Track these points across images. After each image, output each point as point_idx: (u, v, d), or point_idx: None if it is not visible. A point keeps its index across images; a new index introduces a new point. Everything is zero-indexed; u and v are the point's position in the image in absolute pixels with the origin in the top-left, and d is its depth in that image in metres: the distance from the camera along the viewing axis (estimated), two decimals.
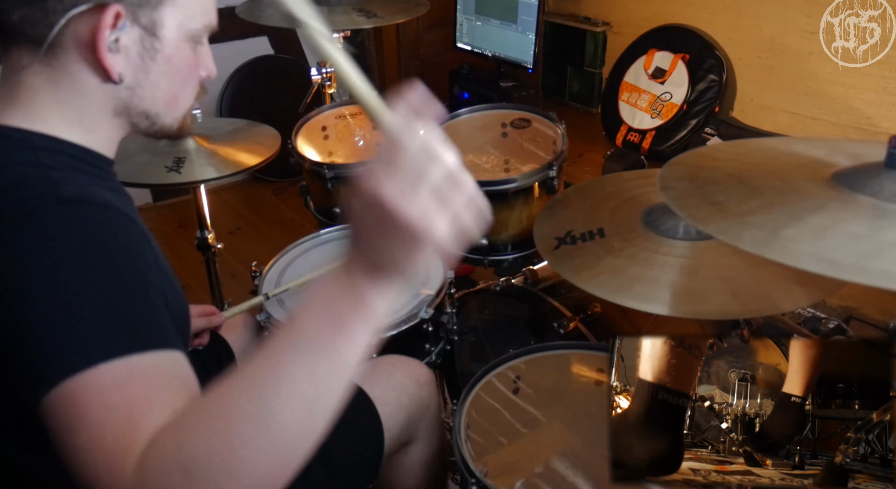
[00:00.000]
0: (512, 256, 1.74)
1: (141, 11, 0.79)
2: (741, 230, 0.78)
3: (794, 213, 0.79)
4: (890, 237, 0.74)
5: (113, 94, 0.83)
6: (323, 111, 2.08)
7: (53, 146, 0.80)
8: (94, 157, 0.85)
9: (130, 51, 0.81)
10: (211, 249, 2.03)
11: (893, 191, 0.80)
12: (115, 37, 0.78)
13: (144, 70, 0.82)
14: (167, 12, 0.81)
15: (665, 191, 0.91)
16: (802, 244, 0.73)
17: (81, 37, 0.78)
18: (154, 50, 0.82)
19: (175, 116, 0.90)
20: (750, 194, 0.86)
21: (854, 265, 0.70)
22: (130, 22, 0.79)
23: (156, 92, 0.85)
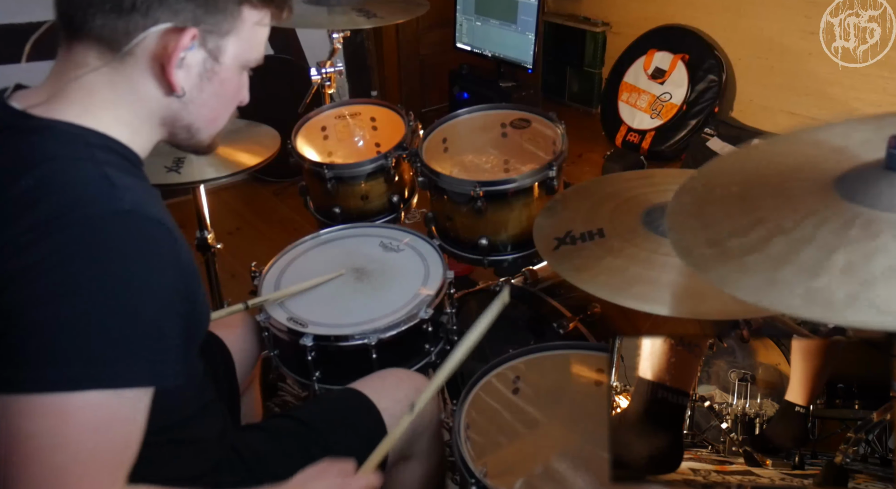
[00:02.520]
0: (512, 256, 1.74)
1: (210, 37, 0.87)
2: (740, 277, 0.79)
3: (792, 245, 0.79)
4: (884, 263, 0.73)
5: (167, 105, 0.89)
6: (323, 111, 2.08)
7: (104, 143, 0.85)
8: (133, 156, 0.90)
9: (192, 69, 0.88)
10: (211, 250, 2.03)
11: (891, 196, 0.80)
12: (183, 55, 0.85)
13: (200, 89, 0.89)
14: (231, 41, 0.89)
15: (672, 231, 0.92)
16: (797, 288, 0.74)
17: (155, 50, 0.84)
18: (213, 72, 0.89)
19: (211, 134, 0.97)
20: (751, 222, 0.86)
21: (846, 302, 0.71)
22: (199, 44, 0.86)
23: (203, 109, 0.92)
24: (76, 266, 0.73)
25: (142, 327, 0.76)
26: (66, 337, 0.72)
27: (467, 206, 1.67)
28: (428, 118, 1.98)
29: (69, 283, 0.72)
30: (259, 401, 1.65)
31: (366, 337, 1.36)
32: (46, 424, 0.71)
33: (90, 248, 0.74)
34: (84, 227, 0.74)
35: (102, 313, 0.73)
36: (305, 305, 1.46)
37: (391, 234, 1.68)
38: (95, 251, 0.74)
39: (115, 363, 0.74)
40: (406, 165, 1.94)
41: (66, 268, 0.72)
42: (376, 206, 1.93)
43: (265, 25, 0.93)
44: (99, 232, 0.75)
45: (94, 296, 0.73)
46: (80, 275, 0.73)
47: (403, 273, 1.54)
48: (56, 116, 0.83)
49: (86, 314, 0.73)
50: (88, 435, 0.72)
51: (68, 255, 0.73)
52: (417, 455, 1.32)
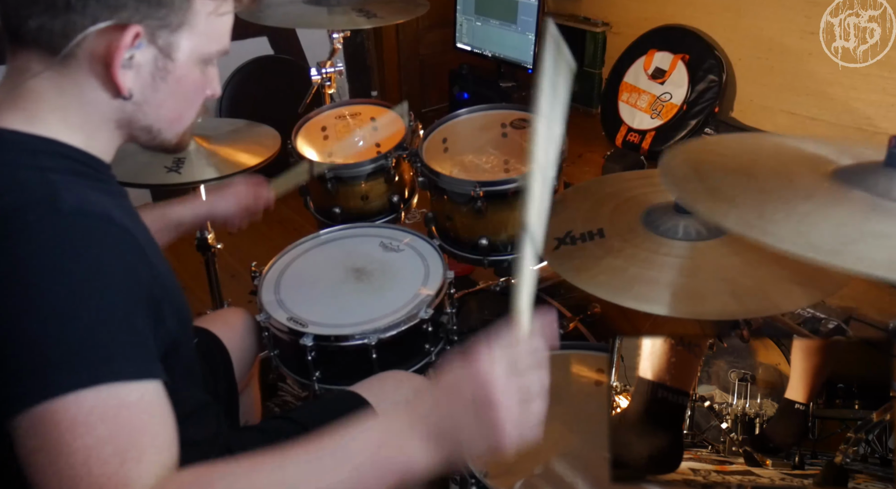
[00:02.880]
0: (512, 256, 1.74)
1: (159, 33, 0.81)
2: (729, 210, 0.80)
3: (784, 200, 0.81)
4: (875, 228, 0.75)
5: (118, 108, 0.84)
6: (323, 111, 2.08)
7: (53, 149, 0.81)
8: (93, 161, 0.85)
9: (143, 69, 0.82)
10: (211, 250, 2.03)
11: (889, 187, 0.80)
12: (131, 54, 0.80)
13: (154, 88, 0.84)
14: (184, 36, 0.83)
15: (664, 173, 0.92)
16: (785, 227, 0.75)
17: (97, 51, 0.80)
18: (166, 70, 0.84)
19: (176, 132, 0.91)
20: (746, 181, 0.87)
21: (831, 249, 0.72)
22: (147, 41, 0.81)
23: (161, 110, 0.87)
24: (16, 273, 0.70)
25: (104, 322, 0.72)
26: (24, 347, 0.69)
27: (467, 206, 1.67)
28: (428, 118, 1.98)
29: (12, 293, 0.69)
30: (258, 401, 1.65)
31: (366, 337, 1.36)
32: (43, 436, 0.68)
33: (29, 253, 0.70)
34: (21, 232, 0.71)
35: (54, 316, 0.70)
36: (305, 305, 1.46)
37: (391, 234, 1.68)
38: (35, 255, 0.70)
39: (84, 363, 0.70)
40: (406, 165, 1.94)
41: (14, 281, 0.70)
42: (376, 206, 1.93)
43: (223, 14, 0.86)
44: (38, 235, 0.71)
45: (41, 300, 0.70)
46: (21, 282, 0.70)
47: (403, 273, 1.54)
48: (2, 125, 0.80)
49: (36, 322, 0.69)
50: (88, 432, 0.69)
51: (12, 268, 0.70)
52: None
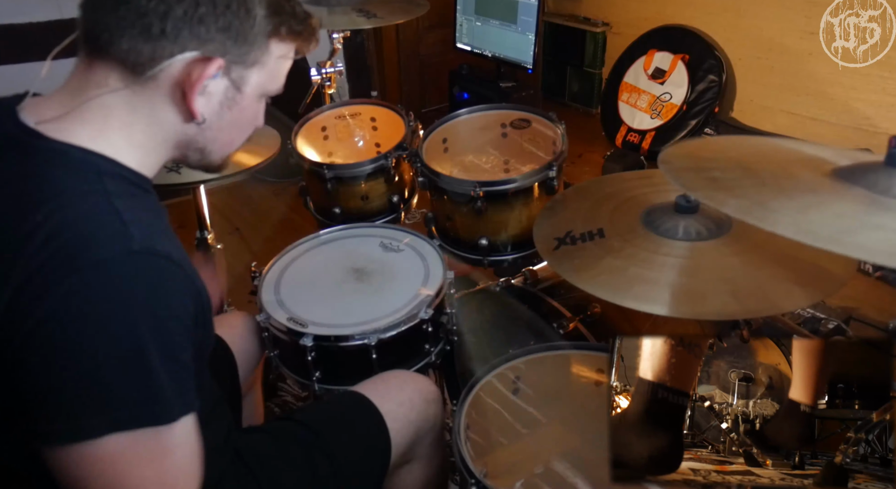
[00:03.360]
0: (512, 257, 1.74)
1: (235, 67, 0.87)
2: (728, 197, 0.80)
3: (784, 191, 0.81)
4: (874, 220, 0.75)
5: (183, 130, 0.89)
6: (323, 111, 2.08)
7: (115, 171, 0.84)
8: (143, 181, 0.88)
9: (213, 97, 0.87)
10: (210, 250, 2.03)
11: (888, 185, 0.81)
12: (206, 83, 0.85)
13: (219, 116, 0.89)
14: (255, 72, 0.89)
15: (664, 163, 0.93)
16: (784, 215, 0.76)
17: (178, 77, 0.84)
18: (234, 101, 0.89)
19: (223, 156, 0.98)
20: (746, 175, 0.88)
21: (830, 237, 0.73)
22: (223, 74, 0.86)
23: (219, 135, 0.92)
24: (88, 312, 0.73)
25: (163, 363, 0.77)
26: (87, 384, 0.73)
27: (467, 206, 1.67)
28: (428, 118, 1.98)
29: (82, 331, 0.73)
30: (261, 403, 1.65)
31: (366, 337, 1.36)
32: (98, 468, 0.74)
33: (104, 293, 0.74)
34: (95, 271, 0.74)
35: (120, 358, 0.74)
36: (305, 305, 1.46)
37: (391, 234, 1.68)
38: (110, 295, 0.74)
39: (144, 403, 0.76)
40: (406, 165, 1.94)
41: (78, 315, 0.73)
42: (376, 206, 1.93)
43: (289, 58, 0.93)
44: (111, 274, 0.74)
45: (109, 341, 0.74)
46: (92, 321, 0.73)
47: (403, 273, 1.54)
48: (68, 139, 0.81)
49: (105, 361, 0.73)
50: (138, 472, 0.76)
51: (80, 302, 0.73)
52: (420, 458, 1.32)
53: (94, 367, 0.73)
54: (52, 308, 0.72)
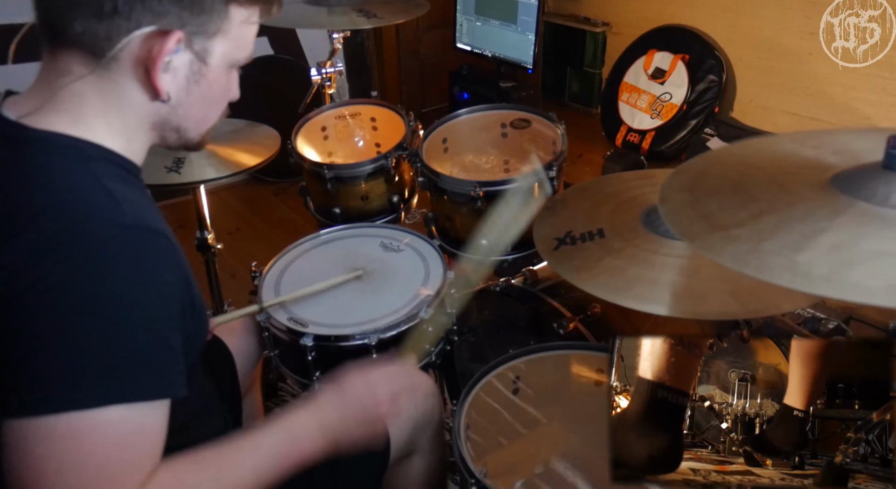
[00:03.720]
0: (512, 256, 1.74)
1: (196, 39, 0.84)
2: (725, 245, 0.80)
3: (781, 222, 0.80)
4: (871, 246, 0.74)
5: (155, 110, 0.87)
6: (323, 111, 2.08)
7: (101, 154, 0.83)
8: (131, 166, 0.88)
9: (179, 73, 0.85)
10: (211, 250, 2.03)
11: (887, 193, 0.80)
12: (169, 59, 0.83)
13: (187, 91, 0.87)
14: (218, 42, 0.86)
15: (663, 204, 0.92)
16: (780, 258, 0.75)
17: (139, 55, 0.82)
18: (200, 74, 0.87)
19: (200, 132, 0.95)
20: (743, 203, 0.87)
21: (825, 277, 0.72)
22: (185, 46, 0.84)
23: (191, 111, 0.90)
24: (81, 284, 0.72)
25: (150, 341, 0.76)
26: (73, 356, 0.72)
27: (467, 206, 1.67)
28: (428, 118, 1.98)
29: (75, 302, 0.72)
30: (260, 403, 1.65)
31: (366, 337, 1.36)
32: (60, 446, 0.71)
33: (95, 266, 0.73)
34: (88, 245, 0.74)
35: (109, 330, 0.73)
36: (305, 305, 1.46)
37: (391, 234, 1.68)
38: (100, 269, 0.73)
39: (125, 379, 0.74)
40: (406, 165, 1.93)
41: (72, 286, 0.72)
42: (376, 206, 1.93)
43: (253, 23, 0.90)
44: (103, 249, 0.74)
45: (100, 314, 0.73)
46: (85, 294, 0.72)
47: (403, 273, 1.54)
48: (49, 127, 0.81)
49: (92, 333, 0.72)
50: (105, 452, 0.73)
51: (73, 274, 0.72)
52: (420, 450, 1.32)
53: (74, 338, 0.72)
54: (37, 276, 0.71)
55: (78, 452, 0.71)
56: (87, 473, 0.71)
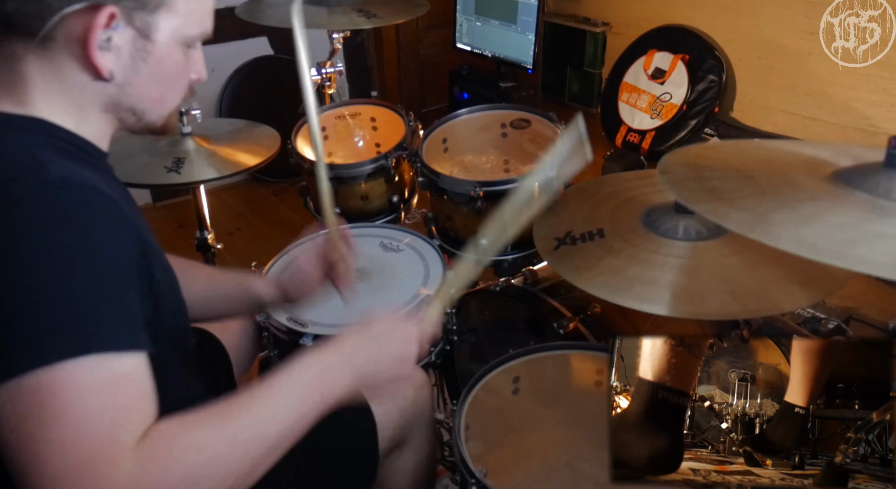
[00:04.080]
0: (512, 256, 1.74)
1: (136, 14, 0.81)
2: (729, 211, 0.79)
3: (785, 202, 0.80)
4: (875, 229, 0.75)
5: (102, 91, 0.84)
6: (323, 111, 2.08)
7: (39, 128, 0.81)
8: (85, 144, 0.85)
9: (122, 50, 0.82)
10: (211, 250, 2.04)
11: (889, 188, 0.80)
12: (108, 36, 0.80)
13: (134, 69, 0.84)
14: (162, 17, 0.83)
15: (662, 173, 0.92)
16: (786, 228, 0.75)
17: (74, 33, 0.79)
18: (145, 51, 0.84)
19: (160, 114, 0.91)
20: (746, 183, 0.87)
21: (832, 251, 0.72)
22: (125, 23, 0.81)
23: (143, 91, 0.87)
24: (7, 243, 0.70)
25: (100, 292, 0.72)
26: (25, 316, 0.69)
27: (467, 206, 1.67)
28: (428, 118, 1.98)
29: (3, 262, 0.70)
30: None
31: None
32: (35, 401, 0.68)
33: (20, 222, 0.71)
34: (9, 202, 0.71)
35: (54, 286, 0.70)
36: (305, 306, 1.46)
37: (391, 234, 1.68)
38: (27, 224, 0.71)
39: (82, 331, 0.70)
40: (406, 165, 1.94)
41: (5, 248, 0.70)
42: (376, 206, 1.93)
43: None
44: (28, 204, 0.71)
45: (33, 269, 0.70)
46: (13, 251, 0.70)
47: (403, 273, 1.54)
48: None
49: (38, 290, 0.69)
50: (82, 403, 0.69)
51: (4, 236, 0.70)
52: (411, 442, 1.32)
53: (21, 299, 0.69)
54: None
55: (51, 406, 0.68)
56: (66, 426, 0.68)
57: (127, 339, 0.74)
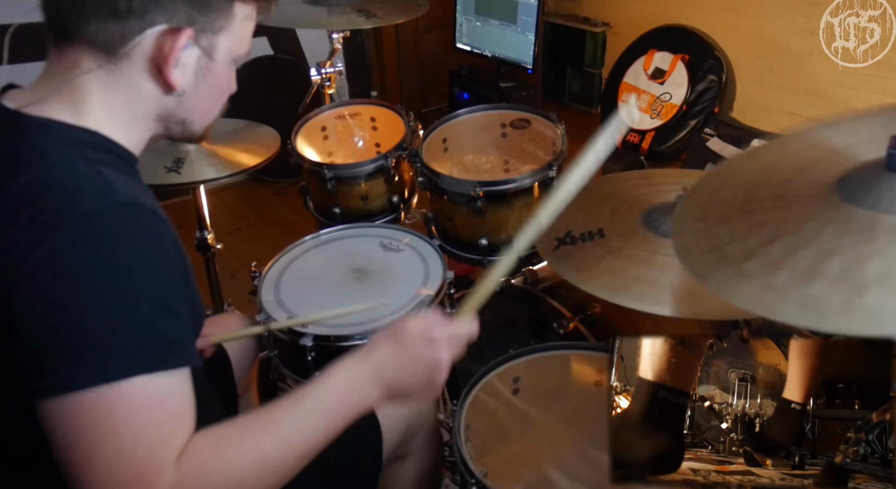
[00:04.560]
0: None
1: (204, 35, 0.87)
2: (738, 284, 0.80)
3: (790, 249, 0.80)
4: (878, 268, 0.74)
5: (162, 103, 0.90)
6: (322, 111, 2.08)
7: (96, 141, 0.85)
8: (128, 156, 0.90)
9: (188, 68, 0.88)
10: (210, 250, 2.04)
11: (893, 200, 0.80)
12: (179, 55, 0.85)
13: (195, 86, 0.90)
14: (223, 38, 0.89)
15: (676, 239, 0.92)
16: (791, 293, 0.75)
17: (151, 52, 0.84)
18: (207, 69, 0.90)
19: (204, 125, 0.98)
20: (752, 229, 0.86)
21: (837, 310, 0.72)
22: (193, 43, 0.86)
23: (197, 104, 0.92)
24: (83, 261, 0.73)
25: (161, 312, 0.77)
26: (92, 332, 0.73)
27: (467, 206, 1.67)
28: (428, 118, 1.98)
29: (80, 280, 0.73)
30: (257, 404, 1.65)
31: (366, 337, 1.36)
32: (92, 417, 0.72)
33: (95, 242, 0.74)
34: (85, 222, 0.75)
35: (121, 304, 0.74)
36: (305, 305, 1.46)
37: (391, 234, 1.68)
38: (103, 244, 0.75)
39: (143, 350, 0.75)
40: (406, 165, 1.94)
41: (75, 264, 0.73)
42: (376, 206, 1.93)
43: (253, 19, 0.93)
44: (101, 225, 0.75)
45: (109, 288, 0.74)
46: (89, 270, 0.73)
47: (403, 273, 1.54)
48: (47, 115, 0.83)
49: (104, 308, 0.73)
50: (135, 419, 0.73)
51: (74, 252, 0.73)
52: (414, 452, 1.32)
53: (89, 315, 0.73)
54: (43, 259, 0.72)
55: (110, 421, 0.72)
56: (122, 440, 0.73)
57: (182, 356, 0.79)
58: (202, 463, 0.77)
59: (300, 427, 0.84)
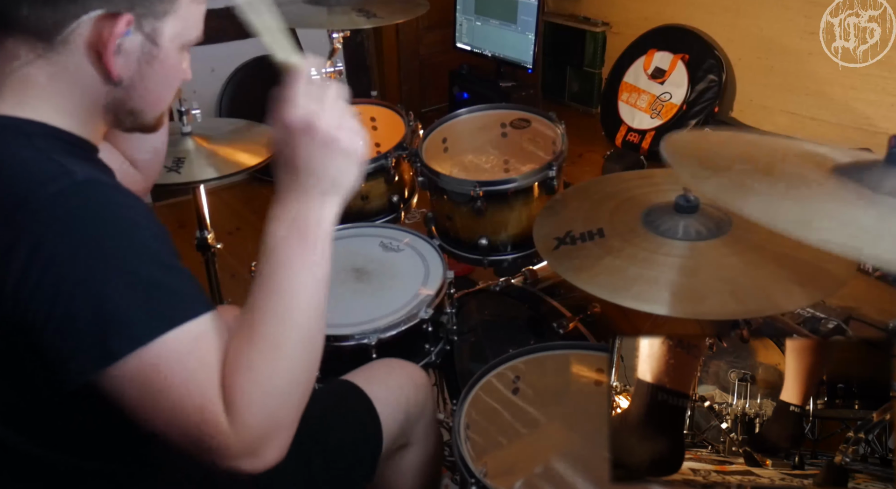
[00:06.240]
0: (512, 256, 1.74)
1: (146, 20, 0.83)
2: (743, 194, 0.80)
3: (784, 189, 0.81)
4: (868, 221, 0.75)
5: (108, 93, 0.86)
6: None
7: (46, 131, 0.83)
8: (85, 144, 0.87)
9: (131, 55, 0.84)
10: (210, 249, 2.03)
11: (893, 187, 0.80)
12: (119, 41, 0.82)
13: (140, 74, 0.86)
14: (168, 23, 0.85)
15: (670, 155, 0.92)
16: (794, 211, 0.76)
17: (89, 38, 0.81)
18: (151, 56, 0.86)
19: (155, 115, 0.94)
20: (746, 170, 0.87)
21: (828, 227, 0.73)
22: (135, 29, 0.83)
23: (145, 93, 0.89)
24: (66, 249, 0.72)
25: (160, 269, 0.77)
26: (105, 303, 0.72)
27: (467, 206, 1.67)
28: (428, 118, 1.98)
29: (73, 262, 0.72)
30: None
31: (366, 337, 1.36)
32: (144, 379, 0.74)
33: (68, 225, 0.73)
34: (51, 208, 0.73)
35: (117, 276, 0.73)
36: None
37: (391, 234, 1.68)
38: (74, 225, 0.73)
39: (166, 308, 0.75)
40: (406, 165, 1.94)
41: (58, 254, 0.72)
42: (376, 206, 1.93)
43: (202, 2, 0.90)
44: (69, 206, 0.74)
45: (113, 261, 0.73)
46: (77, 250, 0.72)
47: (403, 273, 1.54)
48: None
49: (115, 280, 0.73)
50: (181, 368, 0.75)
51: (52, 243, 0.72)
52: (414, 442, 1.32)
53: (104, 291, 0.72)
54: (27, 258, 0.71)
55: (160, 378, 0.74)
56: (178, 389, 0.74)
57: (201, 304, 0.79)
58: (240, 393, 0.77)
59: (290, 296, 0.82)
